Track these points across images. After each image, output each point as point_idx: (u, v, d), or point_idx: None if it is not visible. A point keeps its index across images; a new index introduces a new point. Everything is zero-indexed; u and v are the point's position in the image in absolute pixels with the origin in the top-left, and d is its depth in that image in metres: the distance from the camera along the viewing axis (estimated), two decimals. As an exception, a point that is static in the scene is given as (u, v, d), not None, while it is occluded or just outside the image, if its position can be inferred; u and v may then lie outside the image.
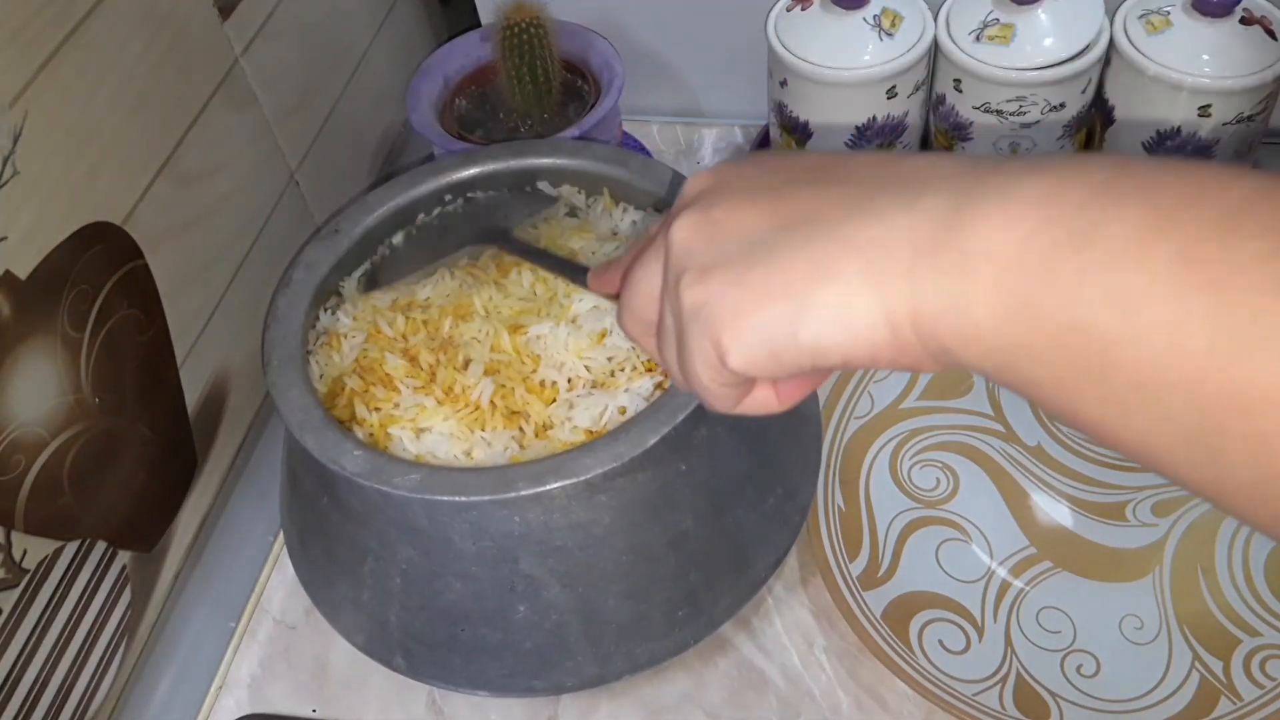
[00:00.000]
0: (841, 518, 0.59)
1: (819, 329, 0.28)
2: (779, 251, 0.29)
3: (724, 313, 0.30)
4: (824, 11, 0.67)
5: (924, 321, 0.27)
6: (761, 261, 0.29)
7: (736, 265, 0.30)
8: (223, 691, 0.60)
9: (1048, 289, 0.24)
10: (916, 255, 0.27)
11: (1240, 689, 0.52)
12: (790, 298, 0.28)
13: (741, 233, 0.31)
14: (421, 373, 0.52)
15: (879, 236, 0.27)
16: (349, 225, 0.57)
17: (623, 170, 0.58)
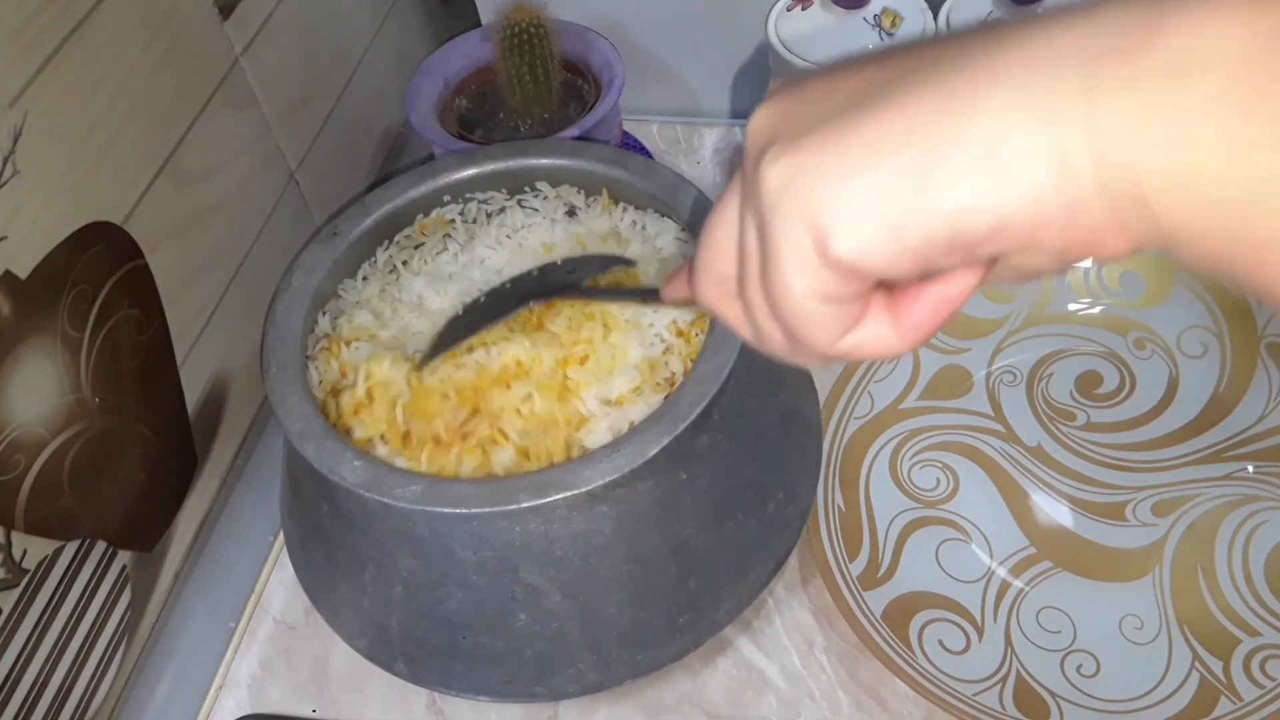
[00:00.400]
0: (841, 518, 0.59)
1: (959, 181, 0.21)
2: (894, 95, 0.22)
3: (823, 179, 0.23)
4: (824, 11, 0.67)
5: (1115, 159, 0.20)
6: (872, 110, 0.23)
7: (838, 123, 0.23)
8: (223, 691, 0.60)
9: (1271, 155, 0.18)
10: (1098, 66, 0.20)
11: (1240, 689, 0.52)
12: (914, 144, 0.21)
13: (840, 94, 0.24)
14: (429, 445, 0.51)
15: (1038, 55, 0.20)
16: (347, 227, 0.57)
17: (623, 170, 0.58)
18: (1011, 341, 0.66)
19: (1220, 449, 0.60)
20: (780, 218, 0.24)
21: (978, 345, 0.66)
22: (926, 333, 0.26)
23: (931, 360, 0.65)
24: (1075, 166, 0.20)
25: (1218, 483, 0.59)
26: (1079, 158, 0.20)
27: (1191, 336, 0.63)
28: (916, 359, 0.65)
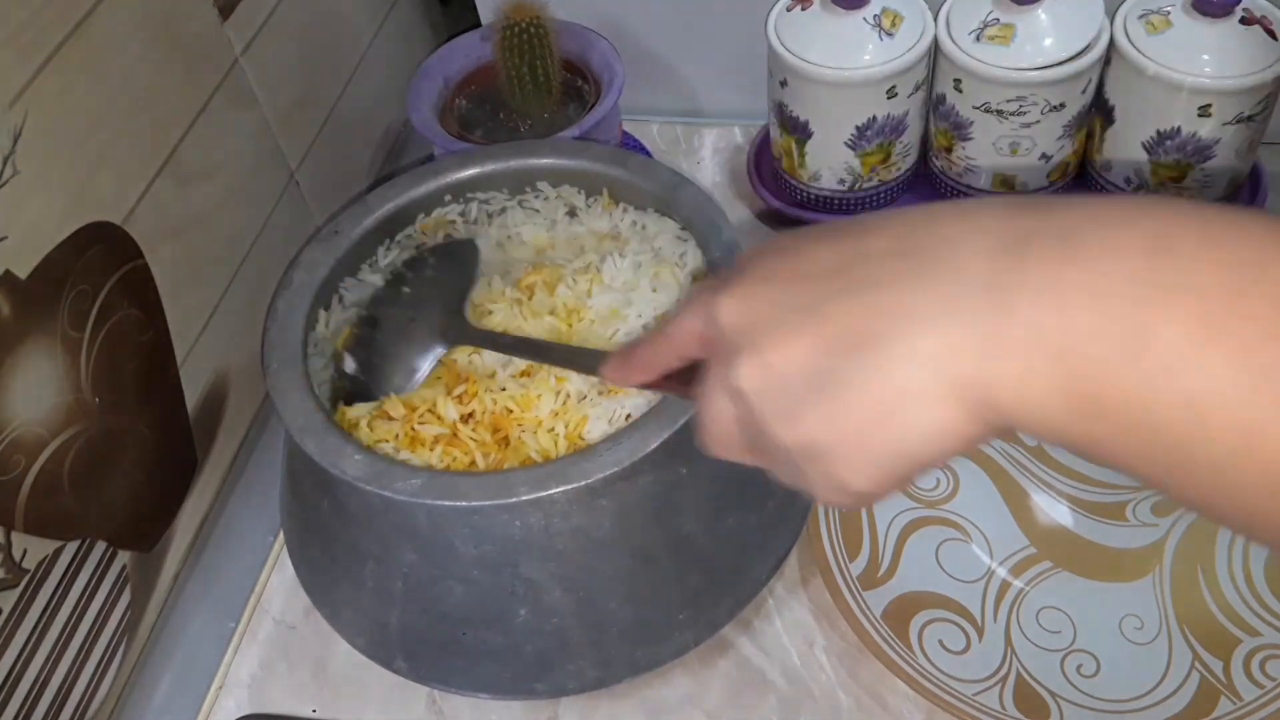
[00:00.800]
0: (841, 518, 0.59)
1: (923, 442, 0.28)
2: (851, 384, 0.29)
3: (835, 454, 0.30)
4: (824, 11, 0.67)
5: (998, 407, 0.27)
6: (840, 395, 0.29)
7: (819, 405, 0.30)
8: (223, 691, 0.60)
9: (1111, 390, 0.25)
10: (983, 347, 0.27)
11: (1240, 689, 0.52)
12: (884, 424, 0.29)
13: (803, 369, 0.30)
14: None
15: (937, 348, 0.27)
16: (349, 226, 0.57)
17: (623, 170, 0.58)
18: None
19: (1220, 449, 0.60)
20: (812, 469, 0.31)
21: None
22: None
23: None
24: (983, 414, 0.27)
25: (1218, 483, 0.59)
26: (983, 407, 0.27)
27: (1191, 336, 0.63)
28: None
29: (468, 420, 0.51)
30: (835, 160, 0.71)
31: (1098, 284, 0.25)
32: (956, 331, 0.27)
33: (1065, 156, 0.70)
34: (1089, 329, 0.25)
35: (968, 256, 0.27)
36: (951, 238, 0.28)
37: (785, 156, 0.74)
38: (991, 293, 0.27)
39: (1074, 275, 0.25)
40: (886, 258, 0.29)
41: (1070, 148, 0.70)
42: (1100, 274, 0.25)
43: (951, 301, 0.27)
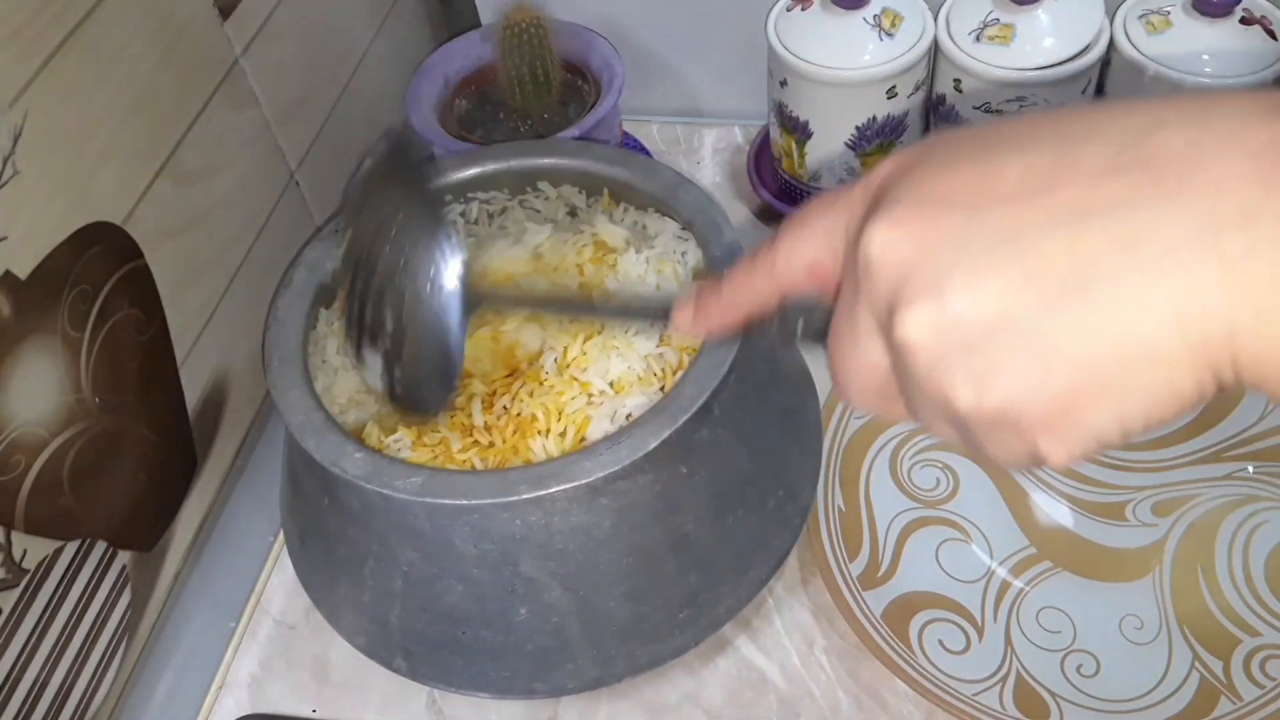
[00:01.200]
0: (841, 518, 0.59)
1: (1148, 413, 0.24)
2: (1065, 342, 0.23)
3: (1037, 425, 0.25)
4: (824, 11, 0.67)
5: (1248, 371, 0.22)
6: (1051, 356, 0.24)
7: (1023, 368, 0.24)
8: (223, 691, 0.60)
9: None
10: (1242, 300, 0.22)
11: (1240, 689, 0.52)
12: (1105, 392, 0.23)
13: (998, 319, 0.24)
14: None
15: (1181, 299, 0.22)
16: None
17: (623, 170, 0.58)
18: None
19: (1220, 449, 0.60)
20: (993, 435, 0.25)
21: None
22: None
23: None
24: (1222, 374, 0.23)
25: (1218, 483, 0.59)
26: (1224, 364, 0.22)
27: (1191, 336, 0.63)
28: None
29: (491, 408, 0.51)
30: (835, 160, 0.71)
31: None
32: (1209, 278, 0.22)
33: (1065, 156, 0.70)
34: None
35: (1218, 177, 0.22)
36: (1190, 151, 0.22)
37: (785, 156, 0.74)
38: (1252, 226, 0.21)
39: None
40: (1105, 175, 0.23)
41: (1070, 148, 0.70)
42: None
43: (1199, 237, 0.22)
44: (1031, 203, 0.24)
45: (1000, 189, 0.25)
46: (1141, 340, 0.22)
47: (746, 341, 0.34)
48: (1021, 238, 0.24)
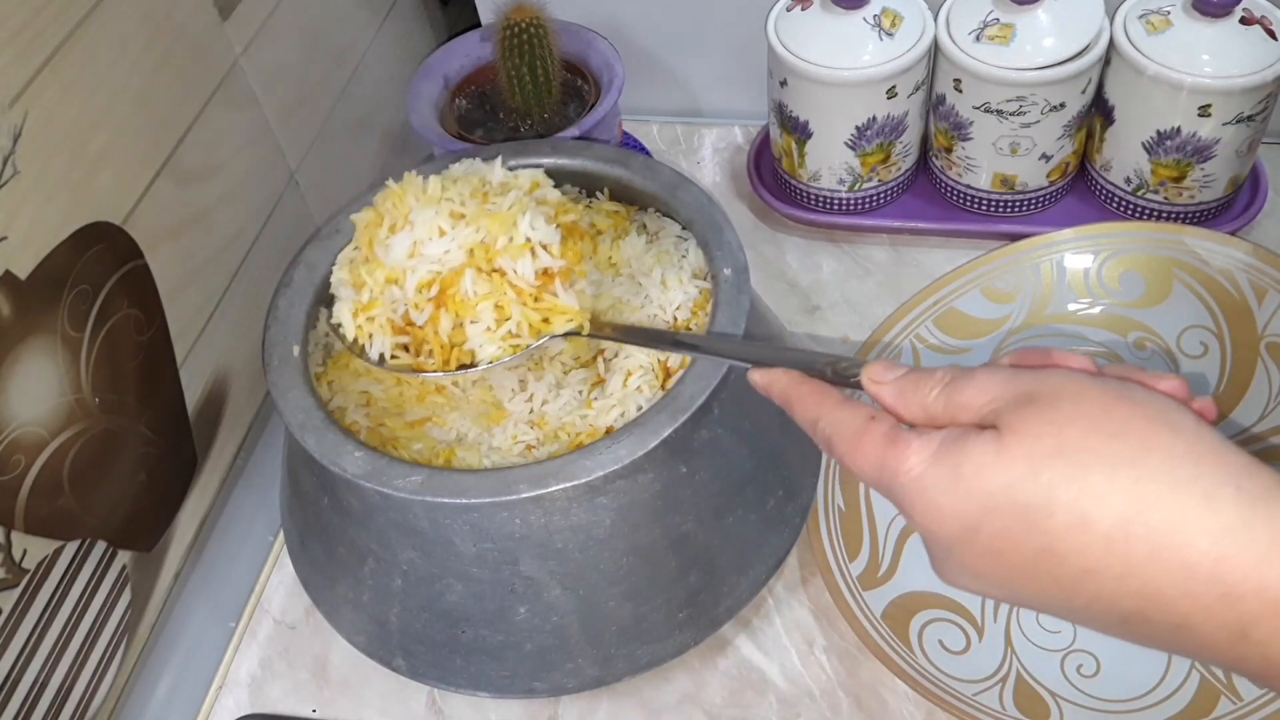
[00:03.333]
0: (841, 518, 0.59)
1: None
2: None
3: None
4: (824, 11, 0.67)
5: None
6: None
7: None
8: (223, 691, 0.60)
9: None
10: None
11: (1240, 689, 0.52)
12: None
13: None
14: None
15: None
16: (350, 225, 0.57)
17: (623, 170, 0.58)
18: (1012, 341, 0.66)
19: (1220, 449, 0.60)
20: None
21: (978, 345, 0.66)
22: None
23: (931, 360, 0.65)
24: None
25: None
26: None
27: (1191, 336, 0.63)
28: (916, 358, 0.65)
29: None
30: (835, 160, 0.71)
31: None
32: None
33: (1065, 156, 0.70)
34: None
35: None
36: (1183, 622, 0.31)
37: (785, 156, 0.74)
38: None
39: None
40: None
41: (1070, 148, 0.70)
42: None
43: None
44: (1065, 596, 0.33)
45: (1055, 571, 0.33)
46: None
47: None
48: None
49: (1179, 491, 0.30)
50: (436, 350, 0.47)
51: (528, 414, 0.52)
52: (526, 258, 0.46)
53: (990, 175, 0.71)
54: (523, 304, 0.47)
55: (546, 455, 0.50)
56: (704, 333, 0.50)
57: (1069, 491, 0.31)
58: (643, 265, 0.55)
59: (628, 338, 0.49)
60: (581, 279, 0.49)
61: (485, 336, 0.47)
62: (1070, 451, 0.32)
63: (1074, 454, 0.31)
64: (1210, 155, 0.66)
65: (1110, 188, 0.72)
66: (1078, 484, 0.31)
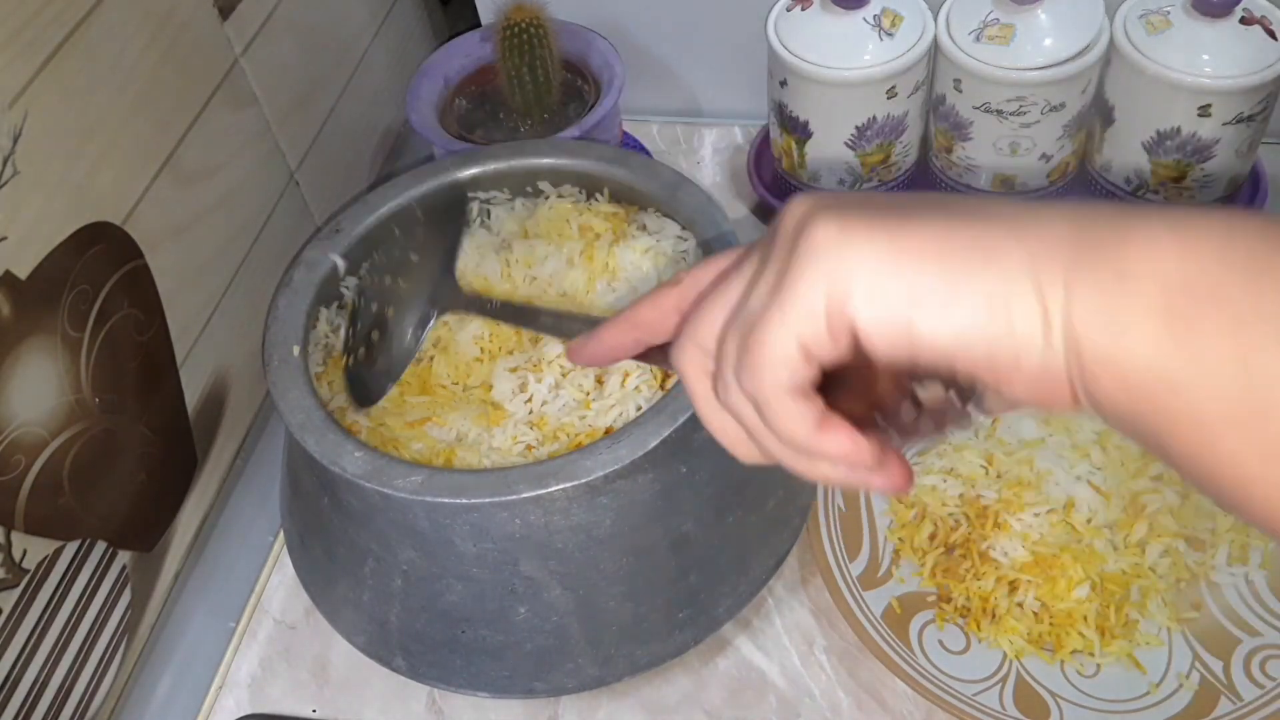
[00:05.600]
0: (841, 518, 0.59)
1: (974, 311, 0.26)
2: (932, 219, 0.27)
3: (867, 256, 0.27)
4: (824, 11, 0.67)
5: (1074, 330, 0.25)
6: (917, 223, 0.27)
7: (886, 217, 0.27)
8: (223, 691, 0.60)
9: (1212, 311, 0.24)
10: (1076, 257, 0.25)
11: (1240, 689, 0.52)
12: (948, 268, 0.26)
13: (880, 202, 0.28)
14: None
15: (1040, 234, 0.26)
16: (349, 225, 0.57)
17: (623, 170, 0.58)
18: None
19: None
20: (811, 267, 0.27)
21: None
22: (835, 453, 0.30)
23: (931, 360, 0.65)
24: (1053, 335, 0.25)
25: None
26: (1055, 326, 0.25)
27: (1191, 336, 0.63)
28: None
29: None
30: (835, 160, 0.71)
31: (1225, 234, 0.25)
32: (1066, 229, 0.26)
33: (1065, 156, 0.70)
34: (1207, 258, 0.24)
35: (1084, 206, 0.27)
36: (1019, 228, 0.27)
37: (785, 156, 0.74)
38: (1115, 217, 0.26)
39: (1200, 227, 0.25)
40: (991, 209, 0.28)
41: (1070, 148, 0.70)
42: (1228, 228, 0.25)
43: (1073, 212, 0.26)
44: (916, 203, 0.28)
45: (886, 201, 0.29)
46: (991, 240, 0.26)
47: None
48: (918, 215, 0.27)
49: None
50: None
51: (527, 414, 0.52)
52: None
53: (990, 175, 0.71)
54: None
55: (546, 455, 0.50)
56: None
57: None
58: (641, 268, 0.55)
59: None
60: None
61: None
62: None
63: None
64: (1210, 155, 0.66)
65: (1110, 188, 0.72)
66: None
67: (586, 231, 0.58)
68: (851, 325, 0.27)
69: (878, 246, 0.27)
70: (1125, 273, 0.25)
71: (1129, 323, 0.24)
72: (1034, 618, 0.56)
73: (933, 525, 0.59)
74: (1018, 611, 0.56)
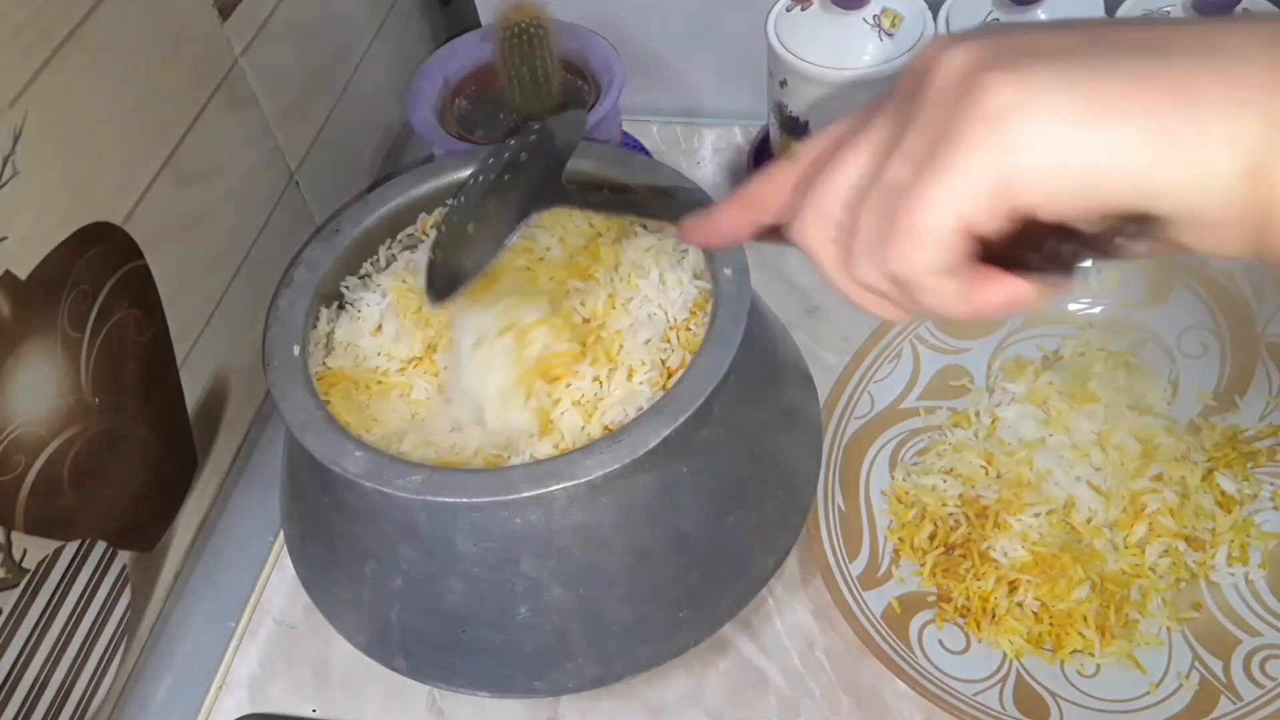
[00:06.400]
0: (841, 518, 0.59)
1: (1171, 166, 0.24)
2: (1123, 63, 0.24)
3: (1054, 119, 0.24)
4: (824, 11, 0.67)
5: (1273, 180, 0.23)
6: (1108, 71, 0.24)
7: (1074, 66, 0.25)
8: (223, 691, 0.60)
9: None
10: (1277, 99, 0.23)
11: (1240, 689, 0.52)
12: (1149, 117, 0.24)
13: (1060, 44, 0.25)
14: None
15: (1242, 68, 0.24)
16: (349, 225, 0.57)
17: (623, 170, 0.58)
18: (1012, 341, 0.66)
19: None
20: (985, 137, 0.24)
21: (978, 345, 0.66)
22: (991, 313, 0.28)
23: (931, 360, 0.65)
24: (1245, 174, 0.23)
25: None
26: (1252, 167, 0.23)
27: (1191, 336, 0.63)
28: (916, 359, 0.65)
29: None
30: (835, 160, 0.71)
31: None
32: (1269, 65, 0.24)
33: (1065, 156, 0.70)
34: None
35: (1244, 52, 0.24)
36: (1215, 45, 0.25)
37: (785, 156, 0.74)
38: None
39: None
40: (1181, 42, 0.25)
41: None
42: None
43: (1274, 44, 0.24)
44: (1099, 40, 0.25)
45: (1066, 41, 0.26)
46: (1190, 80, 0.24)
47: (764, 334, 0.33)
48: (1103, 57, 0.25)
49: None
50: None
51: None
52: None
53: (990, 175, 0.71)
54: None
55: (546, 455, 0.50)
56: (703, 334, 0.50)
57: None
58: (642, 266, 0.55)
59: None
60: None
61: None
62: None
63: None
64: None
65: (1110, 188, 0.71)
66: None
67: (588, 230, 0.58)
68: (1028, 198, 0.25)
69: (1064, 107, 0.24)
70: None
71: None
72: (1034, 618, 0.56)
73: (933, 525, 0.59)
74: (1018, 611, 0.56)
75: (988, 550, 0.57)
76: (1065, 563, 0.56)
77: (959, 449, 0.61)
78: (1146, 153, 0.24)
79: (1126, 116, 0.24)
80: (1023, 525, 0.57)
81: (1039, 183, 0.24)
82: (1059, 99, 0.24)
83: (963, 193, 0.25)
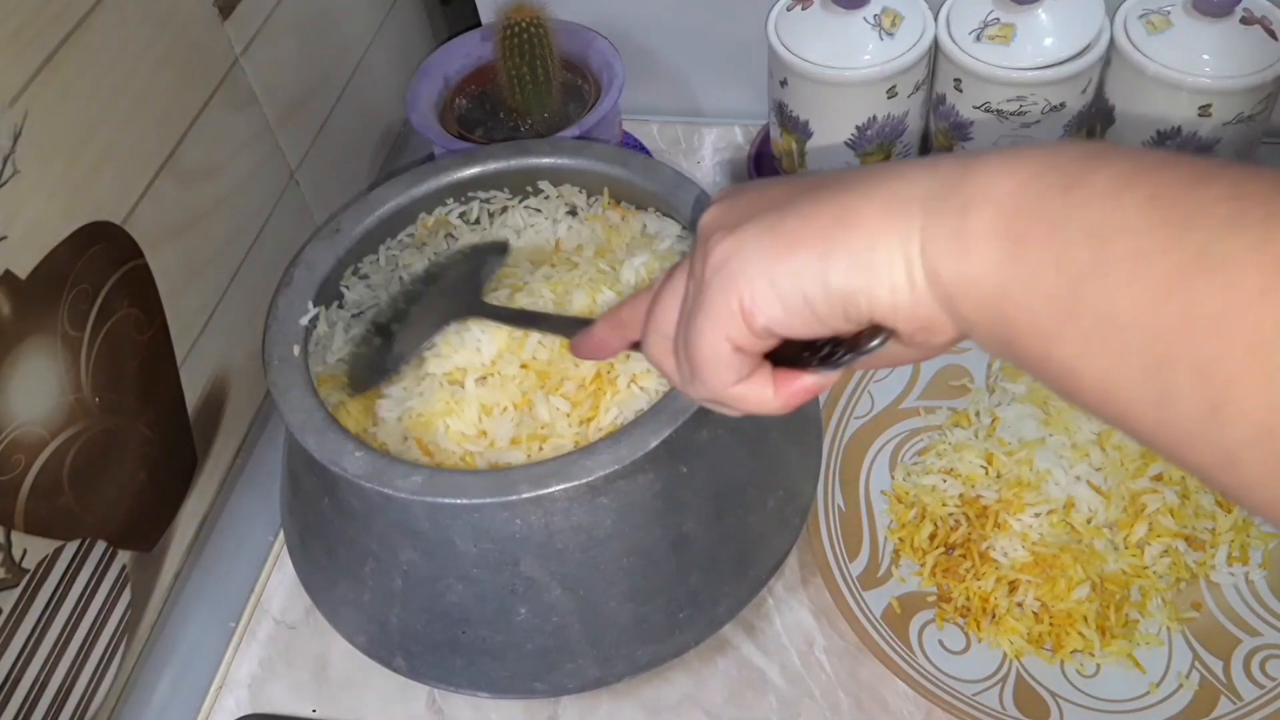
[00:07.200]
0: (841, 518, 0.59)
1: (846, 271, 0.29)
2: (804, 206, 0.31)
3: (757, 259, 0.31)
4: (824, 11, 0.67)
5: (931, 263, 0.28)
6: (792, 215, 0.31)
7: (768, 218, 0.31)
8: (223, 691, 0.60)
9: (1035, 225, 0.26)
10: (928, 201, 0.28)
11: (1240, 689, 0.52)
12: (818, 243, 0.30)
13: (768, 200, 0.32)
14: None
15: (897, 190, 0.29)
16: (350, 225, 0.57)
17: (623, 170, 0.58)
18: (1011, 341, 0.66)
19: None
20: (715, 289, 0.32)
21: (978, 345, 0.66)
22: (797, 403, 0.34)
23: (931, 360, 0.65)
24: (913, 267, 0.28)
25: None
26: (915, 260, 0.28)
27: (1191, 336, 0.63)
28: (916, 359, 0.65)
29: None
30: (835, 160, 0.71)
31: (1048, 155, 0.28)
32: (919, 182, 0.29)
33: (1065, 156, 0.70)
34: (1029, 174, 0.27)
35: (946, 158, 0.30)
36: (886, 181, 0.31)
37: (785, 156, 0.74)
38: (960, 162, 0.29)
39: (1027, 153, 0.28)
40: (851, 179, 0.31)
41: (1070, 148, 0.70)
42: (1052, 150, 0.28)
43: (929, 166, 0.30)
44: (794, 188, 0.32)
45: (771, 195, 0.33)
46: (851, 208, 0.30)
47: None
48: (791, 201, 0.31)
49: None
50: None
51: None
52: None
53: (990, 175, 0.71)
54: None
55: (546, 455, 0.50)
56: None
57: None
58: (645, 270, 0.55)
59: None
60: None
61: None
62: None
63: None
64: (1210, 155, 0.66)
65: (1110, 188, 0.71)
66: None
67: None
68: (765, 318, 0.31)
69: (763, 246, 0.31)
70: (968, 205, 0.27)
71: (972, 247, 0.27)
72: (1034, 618, 0.56)
73: (933, 525, 0.59)
74: (1018, 611, 0.56)
75: (988, 550, 0.57)
76: (1065, 563, 0.56)
77: (959, 449, 0.61)
78: (832, 271, 0.29)
79: (806, 246, 0.30)
80: (1023, 525, 0.57)
81: (767, 307, 0.31)
82: (761, 242, 0.31)
83: (720, 322, 0.32)
